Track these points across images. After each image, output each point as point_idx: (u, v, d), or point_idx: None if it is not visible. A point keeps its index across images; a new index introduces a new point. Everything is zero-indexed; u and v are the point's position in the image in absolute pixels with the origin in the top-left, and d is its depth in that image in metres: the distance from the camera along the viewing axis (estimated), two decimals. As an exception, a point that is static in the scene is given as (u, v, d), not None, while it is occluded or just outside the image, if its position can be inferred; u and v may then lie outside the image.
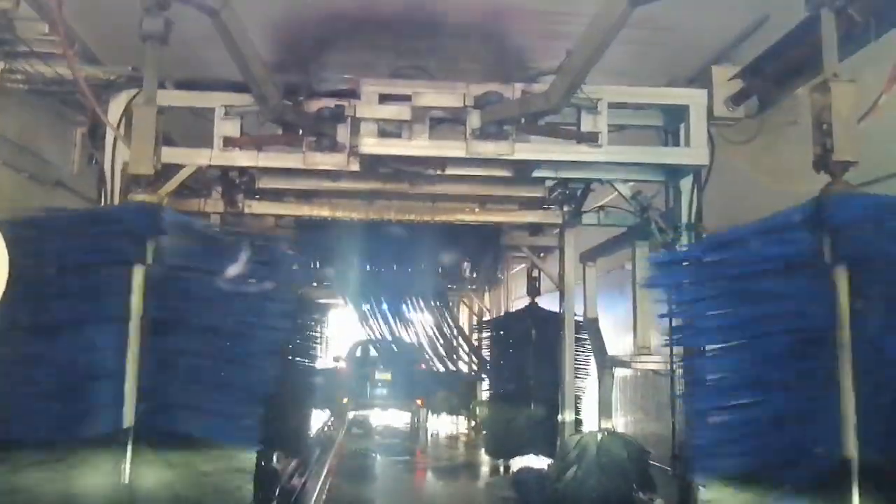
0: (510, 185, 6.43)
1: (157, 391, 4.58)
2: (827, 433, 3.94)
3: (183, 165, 5.70)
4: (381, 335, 12.42)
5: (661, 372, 6.81)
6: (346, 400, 14.50)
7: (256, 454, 4.95)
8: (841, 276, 3.95)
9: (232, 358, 4.84)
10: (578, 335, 8.21)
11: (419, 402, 14.52)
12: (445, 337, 12.58)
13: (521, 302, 12.06)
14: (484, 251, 9.81)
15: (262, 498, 6.26)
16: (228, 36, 4.60)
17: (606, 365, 7.77)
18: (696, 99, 5.61)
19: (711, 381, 4.46)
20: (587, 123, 5.45)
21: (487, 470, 10.82)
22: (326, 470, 9.71)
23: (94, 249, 4.74)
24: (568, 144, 5.56)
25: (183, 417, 4.66)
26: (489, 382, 10.89)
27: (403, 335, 12.56)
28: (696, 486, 5.13)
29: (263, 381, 4.83)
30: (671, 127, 5.92)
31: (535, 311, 9.55)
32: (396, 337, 12.54)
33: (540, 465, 9.01)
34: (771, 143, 6.14)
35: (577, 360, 8.31)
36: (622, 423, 9.39)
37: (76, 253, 4.76)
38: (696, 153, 5.58)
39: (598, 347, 7.98)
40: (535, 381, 9.07)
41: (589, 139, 5.43)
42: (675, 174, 5.86)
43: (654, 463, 7.02)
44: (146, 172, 4.71)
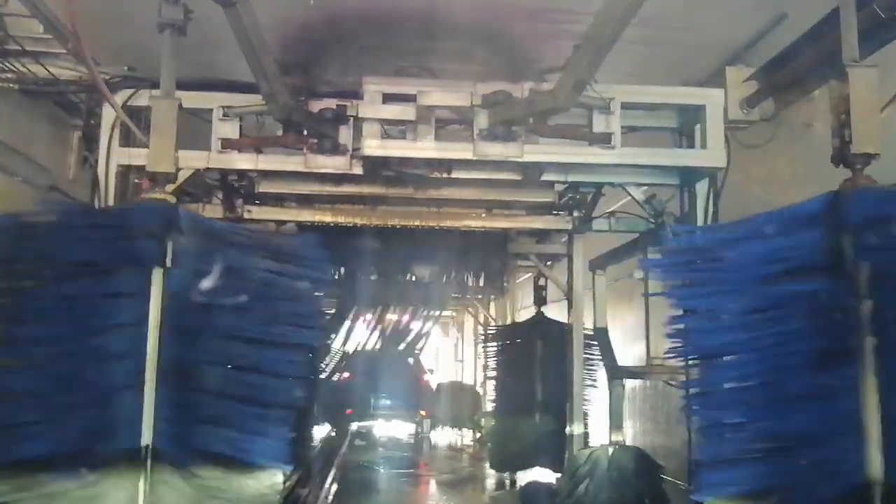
0: (518, 189, 6.22)
1: (178, 405, 4.23)
2: (848, 452, 3.63)
3: (179, 168, 5.53)
4: (385, 345, 12.22)
5: (673, 382, 6.60)
6: (349, 411, 14.29)
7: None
8: (863, 277, 3.64)
9: (260, 369, 4.46)
10: (587, 345, 8.03)
11: (423, 413, 14.33)
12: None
13: (526, 311, 11.89)
14: (490, 259, 9.61)
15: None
16: (242, 29, 4.37)
17: (617, 376, 7.54)
18: (712, 98, 5.41)
19: (717, 392, 4.15)
20: (599, 124, 5.24)
21: (493, 483, 10.59)
22: (329, 483, 9.48)
23: (106, 250, 4.36)
24: (579, 146, 5.36)
25: (206, 434, 4.29)
26: (495, 394, 10.68)
27: (407, 346, 12.36)
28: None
29: (295, 393, 4.51)
30: (686, 129, 5.71)
31: (542, 320, 9.37)
32: (400, 348, 12.34)
33: (547, 479, 8.79)
34: (787, 146, 5.95)
35: (585, 370, 8.14)
36: (632, 435, 9.16)
37: (85, 254, 4.37)
38: (712, 155, 5.37)
39: (608, 358, 7.75)
40: (542, 392, 8.90)
41: (601, 140, 5.22)
42: (690, 177, 5.66)
43: (667, 477, 6.80)
44: (167, 170, 4.47)
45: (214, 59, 5.37)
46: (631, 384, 8.35)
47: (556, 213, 6.85)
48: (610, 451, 6.86)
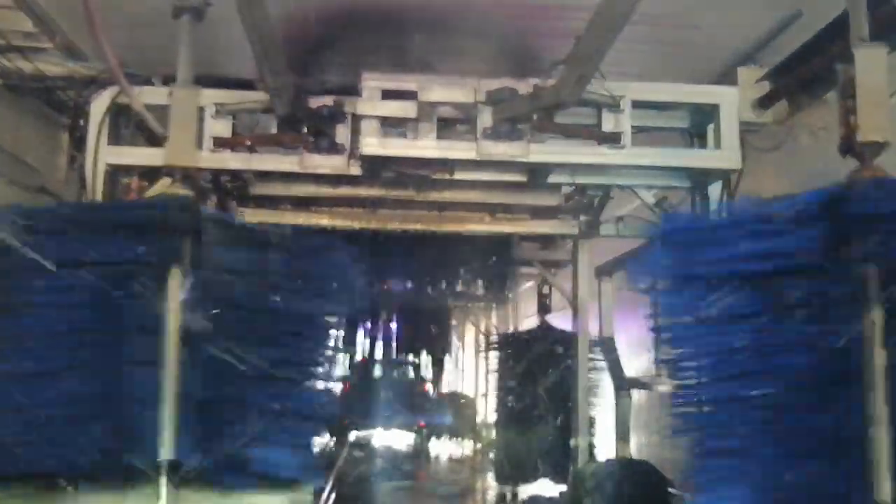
0: (523, 192, 5.99)
1: (200, 416, 3.98)
2: (851, 474, 3.36)
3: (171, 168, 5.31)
4: (383, 355, 12.00)
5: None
6: (346, 421, 14.05)
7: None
8: (871, 279, 3.33)
9: (289, 378, 4.23)
10: (592, 355, 7.81)
11: (421, 423, 14.13)
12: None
13: (529, 321, 11.67)
14: (493, 266, 9.37)
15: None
16: (252, 20, 4.13)
17: (624, 387, 7.30)
18: (727, 97, 5.19)
19: (700, 407, 3.90)
20: (608, 123, 5.02)
21: (493, 497, 10.32)
22: (326, 494, 9.22)
23: (118, 248, 4.12)
24: (587, 146, 5.14)
25: (232, 448, 4.05)
26: (496, 404, 10.45)
27: (406, 355, 12.14)
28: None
29: (324, 404, 4.30)
30: (697, 129, 5.49)
31: (546, 329, 9.15)
32: (399, 357, 12.11)
33: (551, 492, 8.54)
34: (801, 151, 5.73)
35: (591, 381, 7.93)
36: (638, 447, 8.90)
37: (96, 252, 4.12)
38: (727, 156, 5.15)
39: (614, 368, 7.52)
40: (545, 403, 8.68)
41: (610, 140, 5.00)
42: (702, 180, 5.43)
43: (675, 492, 6.54)
44: (187, 164, 4.24)
45: (203, 55, 5.16)
46: (637, 395, 8.09)
47: (561, 217, 6.61)
48: (616, 465, 6.63)
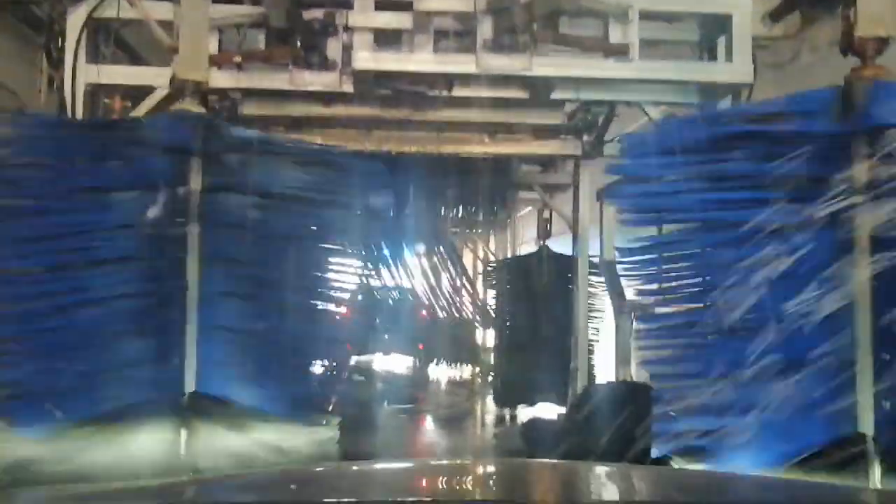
0: (525, 110, 5.74)
1: (211, 352, 3.82)
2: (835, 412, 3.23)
3: (154, 88, 5.03)
4: (383, 280, 11.90)
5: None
6: (348, 346, 14.08)
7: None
8: (873, 198, 3.09)
9: (310, 312, 4.05)
10: (593, 278, 7.73)
11: (420, 346, 14.21)
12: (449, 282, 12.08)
13: (527, 247, 11.55)
14: (491, 189, 9.17)
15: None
16: None
17: (624, 310, 7.21)
18: (740, 7, 4.88)
19: (669, 335, 3.71)
20: (616, 34, 4.74)
21: (493, 419, 10.43)
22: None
23: (119, 170, 3.89)
24: (593, 59, 4.88)
25: (254, 385, 3.90)
26: (495, 329, 10.44)
27: (405, 280, 12.06)
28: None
29: (346, 339, 4.14)
30: (708, 42, 5.21)
31: (546, 253, 9.03)
32: (398, 282, 12.03)
33: (549, 415, 8.59)
34: (811, 69, 5.45)
35: (591, 304, 7.88)
36: (637, 370, 8.93)
37: (93, 175, 3.90)
38: (739, 69, 4.88)
39: (615, 291, 7.41)
40: (545, 327, 8.64)
41: (617, 52, 4.73)
42: (712, 95, 5.17)
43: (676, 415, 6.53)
44: (198, 78, 3.96)
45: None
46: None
47: (564, 137, 6.38)
48: (617, 386, 6.60)
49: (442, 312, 12.38)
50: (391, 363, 15.10)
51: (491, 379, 11.14)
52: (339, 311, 4.26)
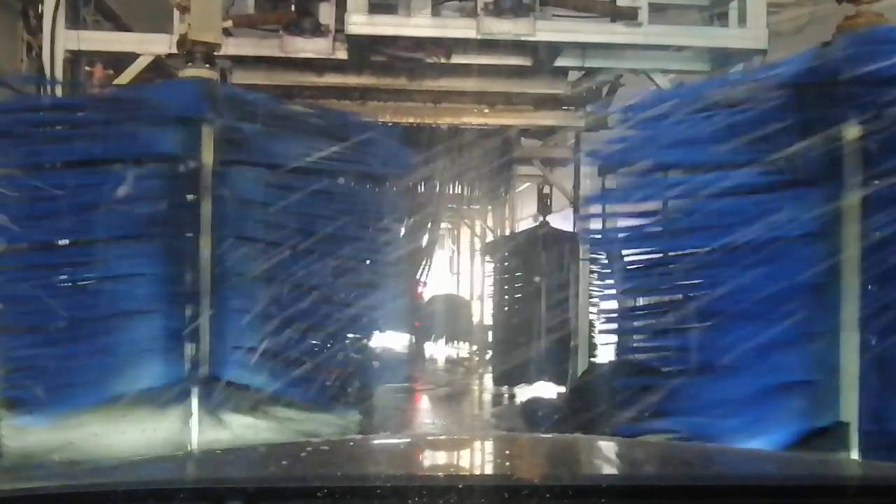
0: (527, 79, 5.50)
1: (223, 334, 3.57)
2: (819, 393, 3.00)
3: (138, 55, 4.82)
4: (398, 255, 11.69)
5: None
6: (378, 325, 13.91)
7: None
8: (865, 156, 2.80)
9: (332, 291, 3.78)
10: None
11: (416, 324, 14.05)
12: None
13: (526, 223, 11.35)
14: (490, 163, 8.93)
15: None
16: None
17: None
18: (754, -32, 4.66)
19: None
20: (624, -3, 4.52)
21: (490, 398, 10.29)
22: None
23: (127, 141, 3.60)
24: (599, 24, 4.65)
25: (275, 369, 3.65)
26: (493, 306, 10.26)
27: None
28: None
29: (366, 321, 3.89)
30: (719, 6, 4.97)
31: (546, 229, 8.81)
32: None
33: (549, 394, 8.44)
34: (823, 35, 5.21)
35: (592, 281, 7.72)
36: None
37: (100, 147, 3.61)
38: (753, 35, 4.66)
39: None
40: (546, 304, 8.46)
41: (626, 16, 4.50)
42: (724, 63, 4.95)
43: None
44: (213, 40, 3.68)
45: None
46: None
47: (566, 108, 6.14)
48: (620, 365, 6.43)
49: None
50: (387, 341, 14.98)
51: (489, 357, 11.00)
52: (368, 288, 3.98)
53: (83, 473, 1.32)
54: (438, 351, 15.10)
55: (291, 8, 4.83)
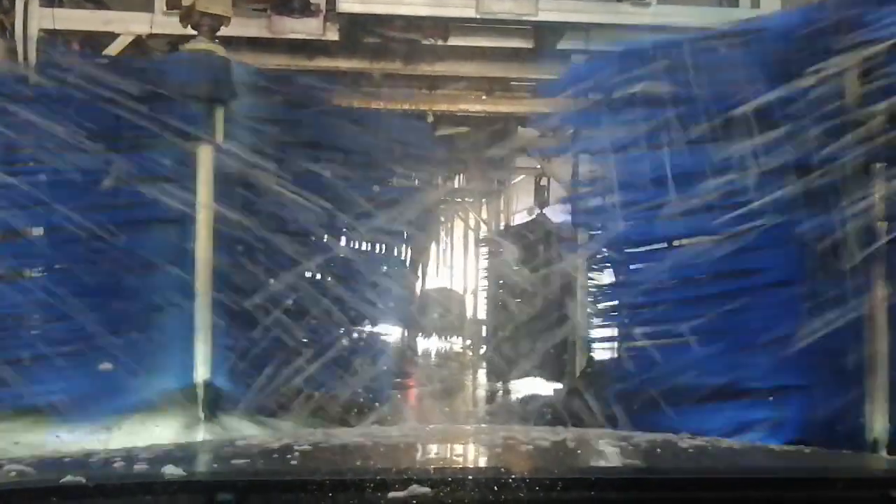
0: (526, 63, 5.27)
1: (236, 333, 3.35)
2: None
3: (117, 35, 4.61)
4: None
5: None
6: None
7: None
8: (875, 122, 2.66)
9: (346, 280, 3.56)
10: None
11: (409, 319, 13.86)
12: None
13: (521, 216, 11.15)
14: (486, 154, 8.70)
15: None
16: None
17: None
18: (769, -55, 4.45)
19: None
20: (632, -26, 4.30)
21: (484, 394, 10.09)
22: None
23: (127, 120, 3.36)
24: (606, 3, 4.43)
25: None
26: (487, 301, 10.08)
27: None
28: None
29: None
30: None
31: (543, 222, 8.61)
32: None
33: (545, 390, 8.26)
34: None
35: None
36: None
37: (104, 124, 3.38)
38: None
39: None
40: (542, 298, 8.26)
41: (634, -5, 4.29)
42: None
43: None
44: (221, 12, 3.47)
45: None
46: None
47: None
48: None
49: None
50: (379, 335, 14.78)
51: (483, 352, 10.82)
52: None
53: (73, 465, 1.29)
54: (431, 346, 14.94)
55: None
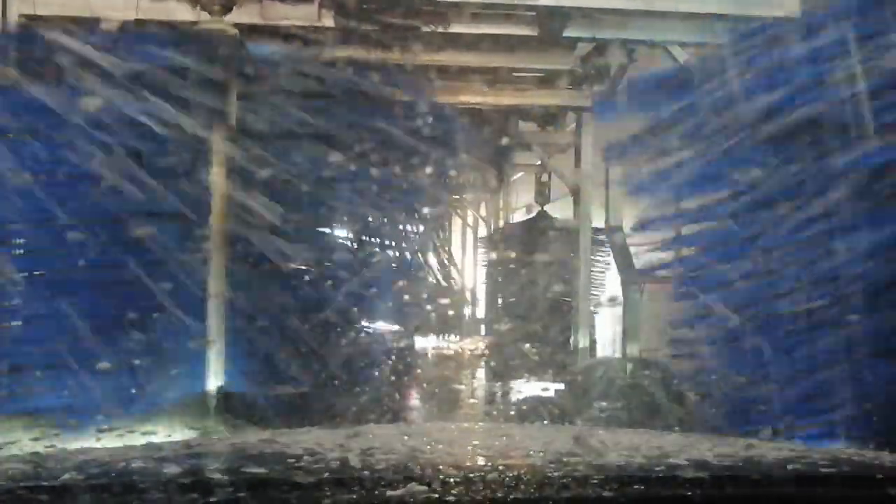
0: (530, 52, 5.08)
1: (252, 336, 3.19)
2: None
3: (99, 20, 4.37)
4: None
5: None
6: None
7: None
8: None
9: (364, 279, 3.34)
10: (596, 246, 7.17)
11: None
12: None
13: (521, 213, 10.97)
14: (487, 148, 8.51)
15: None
16: None
17: (633, 280, 6.64)
18: (787, -73, 4.25)
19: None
20: (643, -42, 4.10)
21: (483, 396, 9.92)
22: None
23: (133, 103, 3.20)
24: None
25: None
26: (487, 300, 9.92)
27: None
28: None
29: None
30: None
31: (544, 219, 8.43)
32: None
33: (546, 391, 8.09)
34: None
35: (594, 274, 7.37)
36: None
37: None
38: (783, 2, 4.25)
39: (622, 260, 6.84)
40: (543, 298, 8.10)
41: (644, -20, 4.09)
42: (751, 34, 4.53)
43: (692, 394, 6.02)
44: None
45: None
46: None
47: (571, 87, 5.72)
48: (626, 365, 6.09)
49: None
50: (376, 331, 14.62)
51: (482, 352, 10.65)
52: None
53: (69, 464, 1.28)
54: (429, 344, 14.79)
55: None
